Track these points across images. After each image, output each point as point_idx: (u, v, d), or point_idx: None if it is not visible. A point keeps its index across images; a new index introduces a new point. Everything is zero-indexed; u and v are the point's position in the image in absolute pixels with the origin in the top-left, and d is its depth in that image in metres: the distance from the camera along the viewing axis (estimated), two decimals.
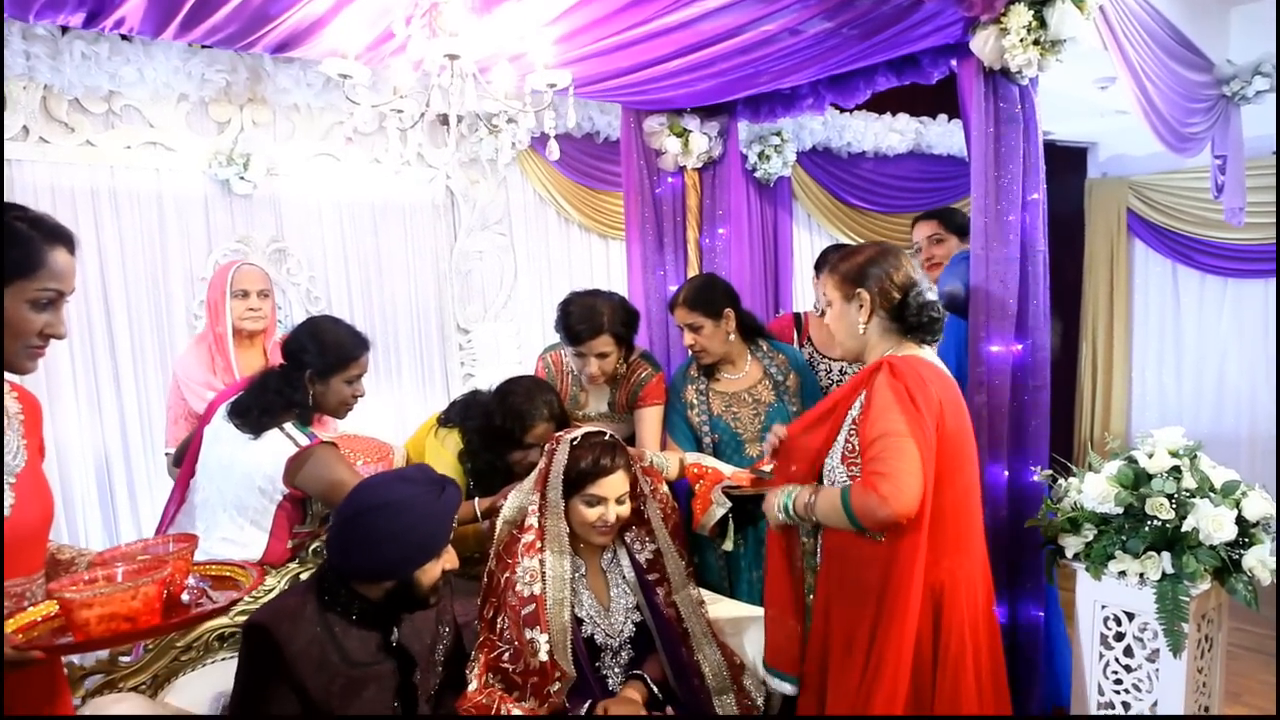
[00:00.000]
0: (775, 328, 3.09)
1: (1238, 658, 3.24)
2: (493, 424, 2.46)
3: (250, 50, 2.52)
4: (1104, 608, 2.20)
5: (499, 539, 2.13)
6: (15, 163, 3.06)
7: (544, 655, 1.95)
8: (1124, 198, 5.50)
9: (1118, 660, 2.19)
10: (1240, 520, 2.02)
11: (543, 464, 2.14)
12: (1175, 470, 2.09)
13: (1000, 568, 2.36)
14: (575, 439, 2.13)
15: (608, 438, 2.15)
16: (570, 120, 2.48)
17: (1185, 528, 2.03)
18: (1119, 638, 2.19)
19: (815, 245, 4.98)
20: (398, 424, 3.84)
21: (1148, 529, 2.07)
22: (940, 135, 5.25)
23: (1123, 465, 2.15)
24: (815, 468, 1.98)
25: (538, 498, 2.10)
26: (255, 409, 2.16)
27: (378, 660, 1.75)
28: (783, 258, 4.97)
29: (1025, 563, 2.51)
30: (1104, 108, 4.38)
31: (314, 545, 2.24)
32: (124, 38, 3.12)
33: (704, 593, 2.29)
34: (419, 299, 4.07)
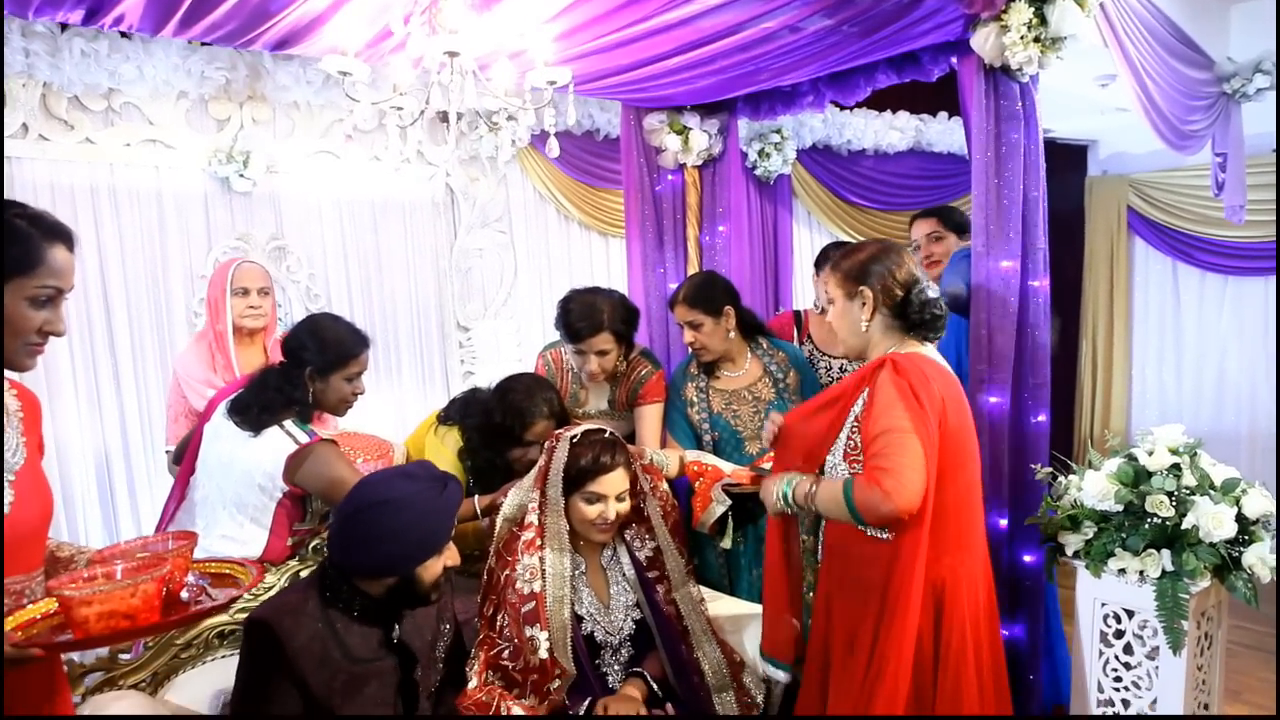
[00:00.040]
0: (775, 325, 3.09)
1: (1237, 655, 3.25)
2: (492, 421, 2.46)
3: (250, 47, 2.51)
4: (1104, 605, 2.20)
5: (499, 536, 2.13)
6: (15, 160, 3.06)
7: (544, 653, 1.95)
8: (1124, 195, 5.50)
9: (1117, 658, 2.19)
10: (1240, 518, 2.02)
11: (542, 461, 2.14)
12: (1175, 468, 2.09)
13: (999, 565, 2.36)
14: (575, 436, 2.12)
15: (607, 435, 2.15)
16: (570, 118, 2.48)
17: (1185, 525, 2.03)
18: (1119, 635, 2.19)
19: (815, 243, 4.97)
20: (398, 422, 3.84)
21: (1148, 526, 2.07)
22: (940, 133, 5.25)
23: (1123, 463, 2.15)
24: (815, 455, 1.97)
25: (538, 495, 2.10)
26: (255, 406, 2.16)
27: (379, 657, 1.75)
28: (783, 255, 4.97)
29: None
30: (1104, 105, 4.37)
31: (314, 543, 2.24)
32: (123, 35, 3.12)
33: (704, 590, 2.29)
34: (419, 297, 4.08)
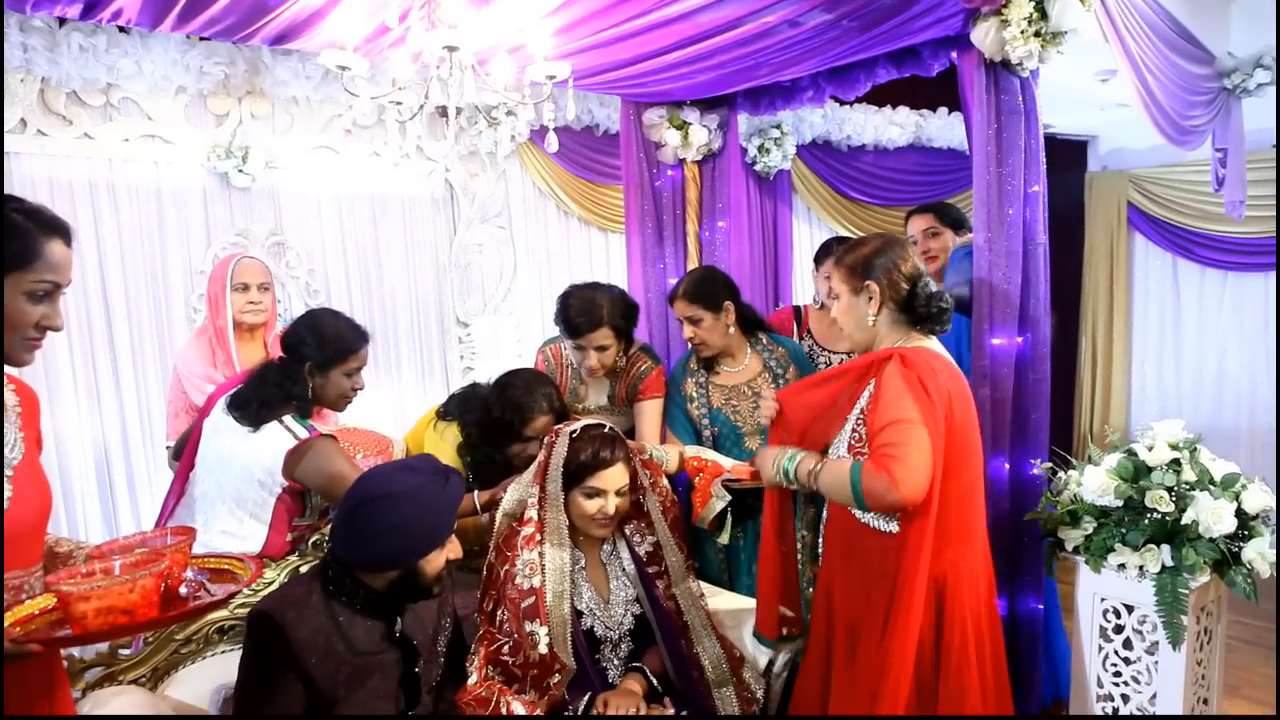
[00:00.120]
0: (775, 321, 3.09)
1: (1237, 650, 3.25)
2: (492, 417, 2.46)
3: (248, 42, 2.51)
4: (1103, 600, 2.20)
5: (498, 532, 2.13)
6: (13, 155, 3.05)
7: (544, 648, 1.95)
8: (1124, 191, 5.50)
9: (1117, 653, 2.19)
10: (1240, 513, 2.03)
11: (542, 457, 2.14)
12: (1175, 463, 2.09)
13: (1000, 561, 2.36)
14: (574, 432, 2.12)
15: (607, 430, 2.14)
16: (570, 113, 2.48)
17: (1185, 520, 2.03)
18: (1118, 630, 2.19)
19: (815, 238, 4.98)
20: (397, 417, 3.84)
21: (1147, 522, 2.07)
22: (940, 128, 5.24)
23: (1122, 458, 2.15)
24: (811, 430, 1.98)
25: (537, 490, 2.10)
26: (254, 402, 2.16)
27: (382, 650, 1.75)
28: (782, 251, 4.97)
29: (1025, 556, 2.51)
30: (1104, 101, 4.37)
31: (313, 538, 2.24)
32: (122, 30, 3.11)
33: (703, 585, 2.29)
34: (418, 292, 4.07)
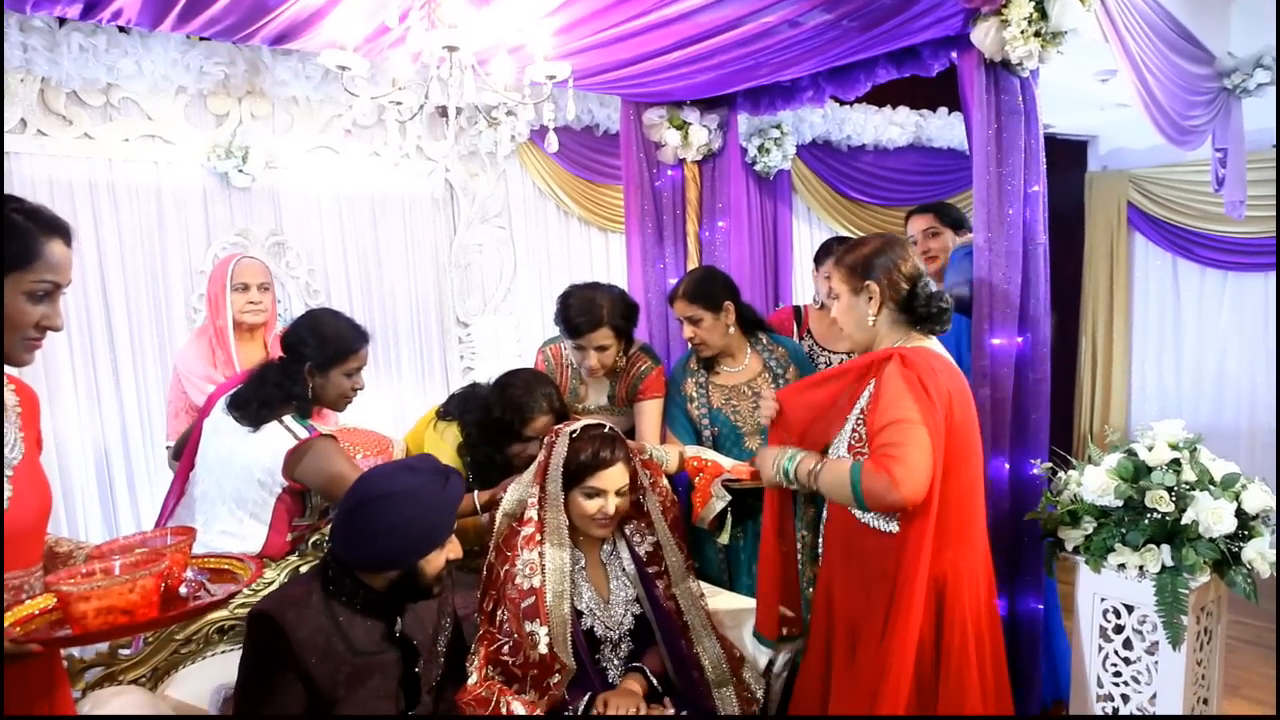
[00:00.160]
0: (775, 321, 3.09)
1: (1237, 650, 3.25)
2: (492, 417, 2.46)
3: (248, 42, 2.51)
4: (1103, 600, 2.20)
5: (498, 532, 2.13)
6: (13, 155, 3.05)
7: (544, 648, 1.95)
8: (1124, 191, 5.49)
9: (1117, 653, 2.19)
10: (1240, 513, 2.03)
11: (542, 457, 2.14)
12: (1175, 463, 2.09)
13: (1000, 561, 2.36)
14: (574, 432, 2.12)
15: (607, 430, 2.14)
16: (570, 113, 2.48)
17: (1185, 520, 2.03)
18: (1118, 630, 2.19)
19: (815, 238, 4.97)
20: (397, 417, 3.84)
21: (1147, 522, 2.07)
22: (940, 128, 5.24)
23: (1122, 458, 2.15)
24: (811, 430, 1.98)
25: (537, 490, 2.10)
26: (254, 402, 2.16)
27: (382, 650, 1.75)
28: (782, 251, 4.97)
29: (1025, 556, 2.51)
30: (1104, 101, 4.37)
31: (313, 538, 2.24)
32: (121, 30, 3.11)
33: (703, 585, 2.29)
34: (418, 292, 4.07)
